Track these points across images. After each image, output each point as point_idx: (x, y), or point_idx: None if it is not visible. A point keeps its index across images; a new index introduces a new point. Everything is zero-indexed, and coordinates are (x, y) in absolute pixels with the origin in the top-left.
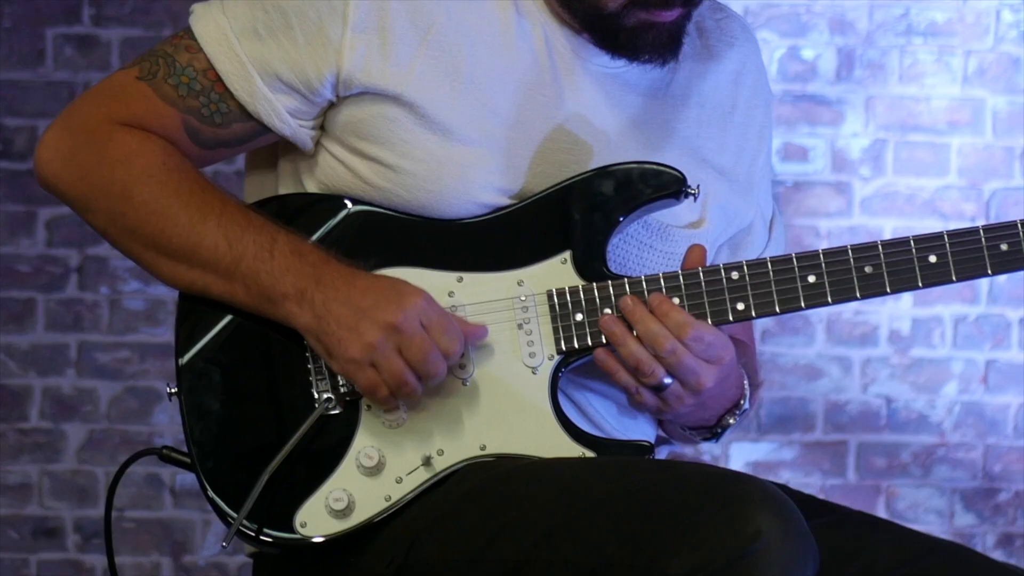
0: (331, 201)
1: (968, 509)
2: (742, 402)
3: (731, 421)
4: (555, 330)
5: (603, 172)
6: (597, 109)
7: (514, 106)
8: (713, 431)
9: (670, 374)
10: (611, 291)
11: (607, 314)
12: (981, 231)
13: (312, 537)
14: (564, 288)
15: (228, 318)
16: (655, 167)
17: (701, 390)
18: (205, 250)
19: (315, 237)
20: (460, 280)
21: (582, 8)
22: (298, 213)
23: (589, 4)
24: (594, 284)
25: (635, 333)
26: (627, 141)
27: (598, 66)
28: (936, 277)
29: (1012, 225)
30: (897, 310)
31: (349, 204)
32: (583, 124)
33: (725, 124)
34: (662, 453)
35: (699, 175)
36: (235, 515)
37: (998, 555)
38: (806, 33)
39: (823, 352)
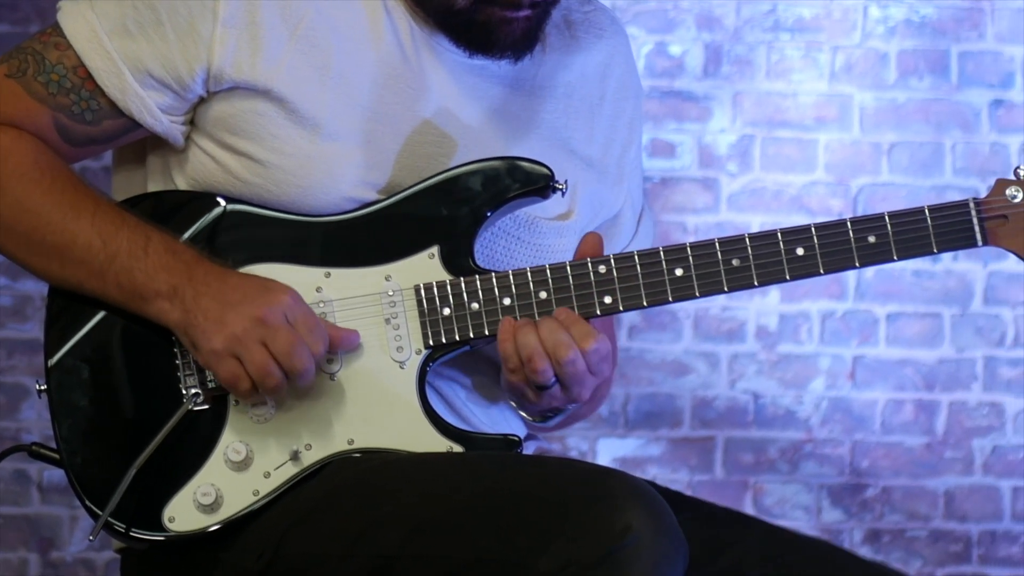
0: (204, 199)
1: (835, 505)
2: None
3: (560, 408)
4: (423, 325)
5: (471, 168)
6: (462, 103)
7: (381, 101)
8: (544, 415)
9: (559, 379)
10: (478, 285)
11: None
12: (848, 224)
13: (180, 532)
14: (432, 283)
15: (98, 315)
16: (523, 163)
17: (580, 400)
18: (78, 248)
19: (188, 234)
20: (328, 275)
21: (433, 7)
22: (171, 211)
23: (439, 3)
24: (461, 279)
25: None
26: (493, 133)
27: (461, 60)
28: (804, 270)
29: (879, 218)
30: (764, 306)
31: (221, 202)
32: (449, 118)
33: (593, 115)
34: (529, 448)
35: (566, 166)
36: (101, 511)
37: (865, 551)
38: (673, 29)
39: (690, 348)
